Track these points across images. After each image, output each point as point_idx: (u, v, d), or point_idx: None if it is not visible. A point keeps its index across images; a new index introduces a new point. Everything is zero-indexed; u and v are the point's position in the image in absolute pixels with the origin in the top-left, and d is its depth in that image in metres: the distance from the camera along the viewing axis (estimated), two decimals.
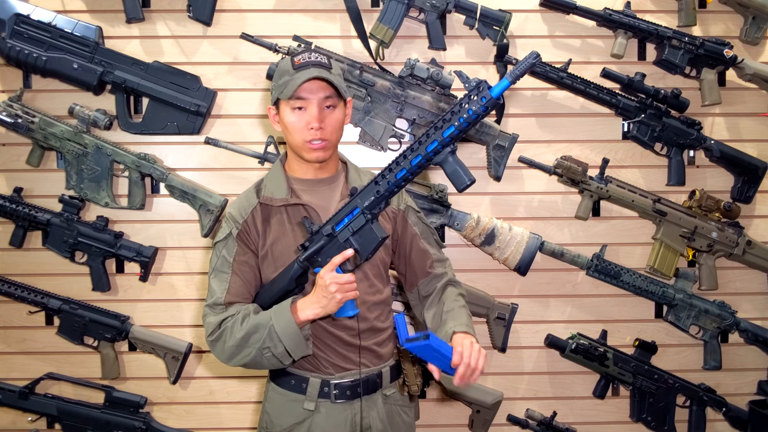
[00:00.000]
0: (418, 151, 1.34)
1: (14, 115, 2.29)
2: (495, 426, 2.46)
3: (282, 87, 1.51)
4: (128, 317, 2.41)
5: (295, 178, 1.62)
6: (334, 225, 1.47)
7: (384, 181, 1.41)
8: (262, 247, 1.58)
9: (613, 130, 2.51)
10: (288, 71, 1.51)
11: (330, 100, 1.53)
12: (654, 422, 2.47)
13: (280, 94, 1.51)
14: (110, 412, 2.36)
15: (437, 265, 1.67)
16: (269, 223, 1.58)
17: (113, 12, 2.40)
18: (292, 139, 1.55)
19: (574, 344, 2.41)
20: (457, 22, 2.45)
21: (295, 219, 1.58)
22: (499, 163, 2.41)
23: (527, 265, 2.39)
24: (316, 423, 1.57)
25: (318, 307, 1.45)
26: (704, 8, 2.52)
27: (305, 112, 1.51)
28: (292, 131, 1.53)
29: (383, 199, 1.42)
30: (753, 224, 2.55)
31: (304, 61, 1.51)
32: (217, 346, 1.52)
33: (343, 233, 1.46)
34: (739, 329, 2.49)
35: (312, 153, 1.53)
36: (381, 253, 1.60)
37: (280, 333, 1.45)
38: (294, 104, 1.51)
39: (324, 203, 1.59)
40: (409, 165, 1.36)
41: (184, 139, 2.41)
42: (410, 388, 1.62)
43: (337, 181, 1.63)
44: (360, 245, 1.46)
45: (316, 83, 1.50)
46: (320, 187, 1.61)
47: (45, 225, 2.33)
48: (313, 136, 1.51)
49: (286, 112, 1.53)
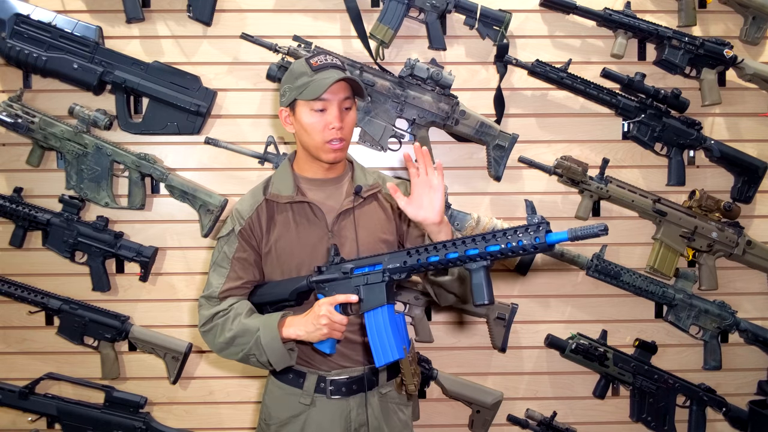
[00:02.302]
0: (458, 249, 1.32)
1: (14, 115, 2.29)
2: (495, 426, 2.46)
3: (302, 88, 1.52)
4: (128, 317, 2.41)
5: (303, 177, 1.64)
6: (354, 267, 1.47)
7: (415, 257, 1.39)
8: (265, 244, 1.61)
9: (613, 130, 2.51)
10: (306, 72, 1.52)
11: (348, 101, 1.56)
12: (654, 422, 2.47)
13: (300, 95, 1.52)
14: (110, 412, 2.36)
15: None
16: (274, 220, 1.61)
17: (113, 12, 2.40)
18: (309, 140, 1.56)
19: (574, 344, 2.41)
20: (457, 22, 2.45)
21: (300, 216, 1.60)
22: (499, 163, 2.41)
23: (527, 265, 2.39)
24: (311, 417, 1.60)
25: (303, 331, 1.48)
26: (704, 8, 2.52)
27: (326, 114, 1.53)
28: (311, 132, 1.54)
29: (406, 271, 1.41)
30: (753, 224, 2.55)
31: (322, 63, 1.53)
32: (207, 337, 1.59)
33: (358, 279, 1.46)
34: (739, 329, 2.49)
35: (330, 154, 1.56)
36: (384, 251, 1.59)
37: (265, 345, 1.49)
38: (316, 105, 1.53)
39: (329, 202, 1.61)
40: (443, 257, 1.34)
41: (184, 139, 2.41)
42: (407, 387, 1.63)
43: (344, 180, 1.66)
44: (366, 298, 1.46)
45: (336, 85, 1.52)
46: (327, 186, 1.63)
47: (45, 225, 2.33)
48: (334, 135, 1.53)
49: (305, 113, 1.54)
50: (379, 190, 1.67)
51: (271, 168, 2.35)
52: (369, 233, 1.62)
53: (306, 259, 1.58)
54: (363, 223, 1.62)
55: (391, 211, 1.67)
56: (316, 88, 1.49)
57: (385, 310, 1.43)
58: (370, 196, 1.65)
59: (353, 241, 1.60)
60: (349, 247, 1.59)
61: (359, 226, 1.61)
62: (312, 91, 1.50)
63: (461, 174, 2.48)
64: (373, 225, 1.63)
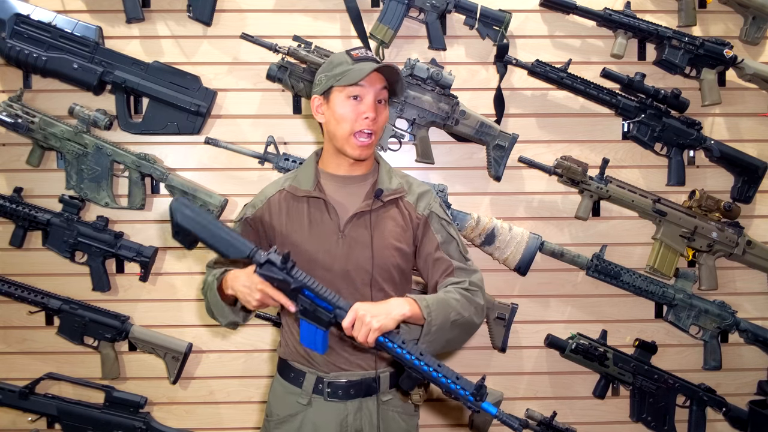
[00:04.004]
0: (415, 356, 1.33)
1: (14, 115, 2.29)
2: (495, 426, 2.46)
3: (340, 75, 1.52)
4: (128, 317, 2.41)
5: (326, 172, 1.62)
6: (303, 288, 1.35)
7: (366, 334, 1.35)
8: (278, 235, 1.61)
9: (613, 130, 2.51)
10: (345, 61, 1.53)
11: (383, 94, 1.56)
12: (654, 422, 2.47)
13: (338, 81, 1.52)
14: (110, 412, 2.36)
15: (457, 273, 1.58)
16: (288, 211, 1.60)
17: (113, 12, 2.40)
18: (338, 130, 1.54)
19: (574, 344, 2.41)
20: (457, 22, 2.45)
21: (314, 213, 1.59)
22: (499, 163, 2.41)
23: (527, 265, 2.39)
24: (308, 418, 1.60)
25: (239, 294, 1.45)
26: (704, 8, 2.52)
27: (360, 103, 1.53)
28: (342, 120, 1.53)
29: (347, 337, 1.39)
30: (753, 224, 2.55)
31: (362, 55, 1.54)
32: (204, 301, 1.64)
33: (303, 300, 1.37)
34: (739, 329, 2.49)
35: (357, 149, 1.54)
36: (396, 259, 1.59)
37: (210, 298, 1.58)
38: (352, 92, 1.52)
39: (347, 201, 1.59)
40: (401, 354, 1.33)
41: (184, 139, 2.41)
42: (412, 397, 1.62)
43: (368, 180, 1.63)
44: (308, 313, 1.37)
45: (374, 76, 1.52)
46: (349, 184, 1.61)
47: (45, 225, 2.33)
48: (365, 126, 1.52)
49: (339, 101, 1.54)
50: (401, 197, 1.62)
51: (271, 168, 2.35)
52: (383, 239, 1.58)
53: (316, 257, 1.56)
54: (378, 228, 1.58)
55: (410, 220, 1.61)
56: (356, 74, 1.49)
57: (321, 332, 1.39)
58: (390, 201, 1.60)
59: (365, 245, 1.56)
60: (360, 250, 1.56)
61: (375, 231, 1.57)
62: (351, 77, 1.49)
63: (461, 174, 2.48)
64: (388, 231, 1.59)
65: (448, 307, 1.47)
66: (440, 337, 1.45)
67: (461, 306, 1.49)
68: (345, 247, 1.56)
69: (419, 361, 1.32)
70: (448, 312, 1.46)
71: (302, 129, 2.46)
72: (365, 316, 1.34)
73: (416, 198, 1.63)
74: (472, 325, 1.53)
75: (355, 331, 1.35)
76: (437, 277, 1.60)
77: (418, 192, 1.64)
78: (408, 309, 1.41)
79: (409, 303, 1.43)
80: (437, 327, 1.43)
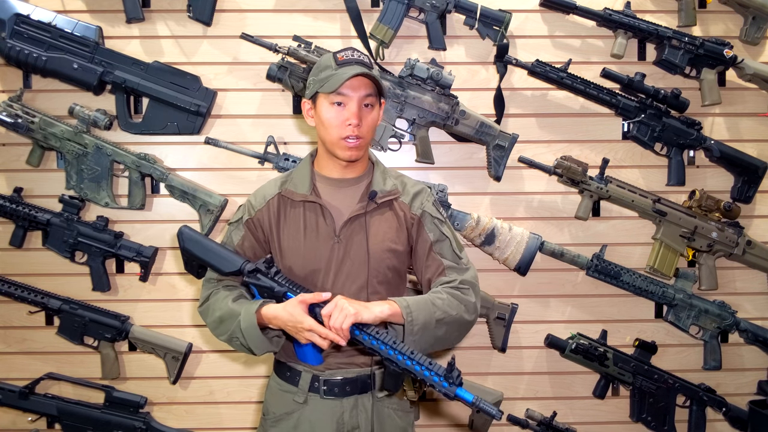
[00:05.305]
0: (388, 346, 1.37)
1: (14, 115, 2.29)
2: (495, 426, 2.46)
3: (324, 81, 1.52)
4: (128, 317, 2.41)
5: (321, 175, 1.62)
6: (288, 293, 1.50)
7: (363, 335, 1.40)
8: (274, 240, 1.61)
9: (613, 130, 2.51)
10: (330, 66, 1.52)
11: (369, 99, 1.54)
12: (654, 422, 2.47)
13: (321, 88, 1.52)
14: (110, 412, 2.36)
15: (449, 272, 1.59)
16: (285, 216, 1.60)
17: (113, 12, 2.40)
18: (327, 135, 1.55)
19: (574, 344, 2.41)
20: (457, 22, 2.45)
21: (310, 217, 1.59)
22: (499, 163, 2.41)
23: (527, 265, 2.39)
24: (304, 416, 1.60)
25: (285, 328, 1.49)
26: (704, 8, 2.52)
27: (344, 109, 1.52)
28: (329, 127, 1.53)
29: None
30: (753, 224, 2.55)
31: (348, 58, 1.52)
32: (203, 316, 1.63)
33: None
34: (739, 329, 2.49)
35: (346, 151, 1.54)
36: (391, 260, 1.59)
37: (244, 330, 1.50)
38: (334, 99, 1.52)
39: (343, 204, 1.59)
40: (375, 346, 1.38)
41: (184, 139, 2.41)
42: (407, 393, 1.62)
43: (362, 182, 1.63)
44: None
45: (358, 81, 1.51)
46: (344, 187, 1.61)
47: (45, 225, 2.33)
48: (350, 132, 1.51)
49: (324, 107, 1.54)
50: (396, 197, 1.62)
51: (271, 168, 2.35)
52: (378, 241, 1.58)
53: (312, 261, 1.57)
54: (374, 230, 1.58)
55: (404, 220, 1.61)
56: (335, 82, 1.49)
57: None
58: (384, 202, 1.60)
59: (362, 247, 1.57)
60: (356, 253, 1.57)
61: (369, 233, 1.58)
62: (331, 84, 1.49)
63: (461, 174, 2.48)
64: (383, 233, 1.59)
65: (432, 307, 1.48)
66: (427, 335, 1.47)
67: (447, 305, 1.50)
68: (341, 250, 1.57)
69: (393, 351, 1.36)
70: (431, 311, 1.47)
71: (302, 129, 2.46)
72: (344, 304, 1.40)
73: (411, 198, 1.63)
74: (463, 323, 1.54)
75: (332, 319, 1.39)
76: (429, 276, 1.61)
77: (413, 192, 1.64)
78: (387, 308, 1.44)
79: (389, 303, 1.46)
80: (420, 326, 1.45)
